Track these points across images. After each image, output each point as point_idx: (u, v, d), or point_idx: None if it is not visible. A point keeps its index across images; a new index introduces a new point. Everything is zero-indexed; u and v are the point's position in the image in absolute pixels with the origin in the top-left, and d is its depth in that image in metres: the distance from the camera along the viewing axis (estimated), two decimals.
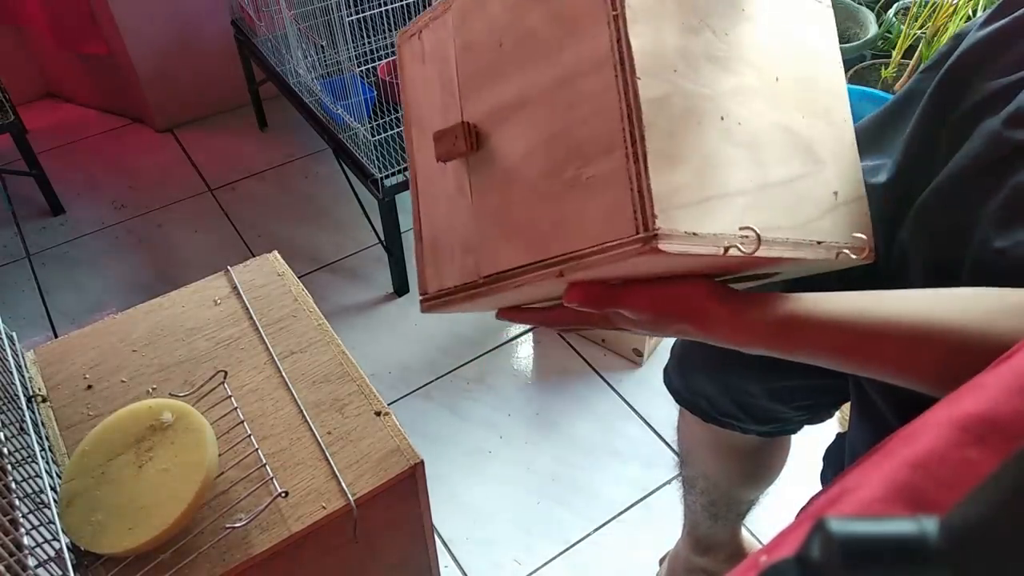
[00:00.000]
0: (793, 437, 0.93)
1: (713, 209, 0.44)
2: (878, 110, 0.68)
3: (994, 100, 0.54)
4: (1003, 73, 0.55)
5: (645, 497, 1.44)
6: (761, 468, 0.97)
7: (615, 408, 1.58)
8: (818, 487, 0.87)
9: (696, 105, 0.45)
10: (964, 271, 0.53)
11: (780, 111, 0.51)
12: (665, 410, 1.52)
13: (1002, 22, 0.56)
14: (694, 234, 0.43)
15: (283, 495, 0.80)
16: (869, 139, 0.66)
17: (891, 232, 0.62)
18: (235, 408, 0.86)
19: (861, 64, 1.79)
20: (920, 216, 0.58)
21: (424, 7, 2.07)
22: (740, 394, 0.81)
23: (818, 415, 0.84)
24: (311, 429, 0.88)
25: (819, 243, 0.51)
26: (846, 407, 1.00)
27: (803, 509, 0.37)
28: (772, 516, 1.09)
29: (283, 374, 0.93)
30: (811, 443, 0.86)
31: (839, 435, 0.82)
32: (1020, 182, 0.50)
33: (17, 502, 0.70)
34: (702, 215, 0.43)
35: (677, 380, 0.88)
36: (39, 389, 0.93)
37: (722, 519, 1.06)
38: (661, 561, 1.31)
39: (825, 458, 0.84)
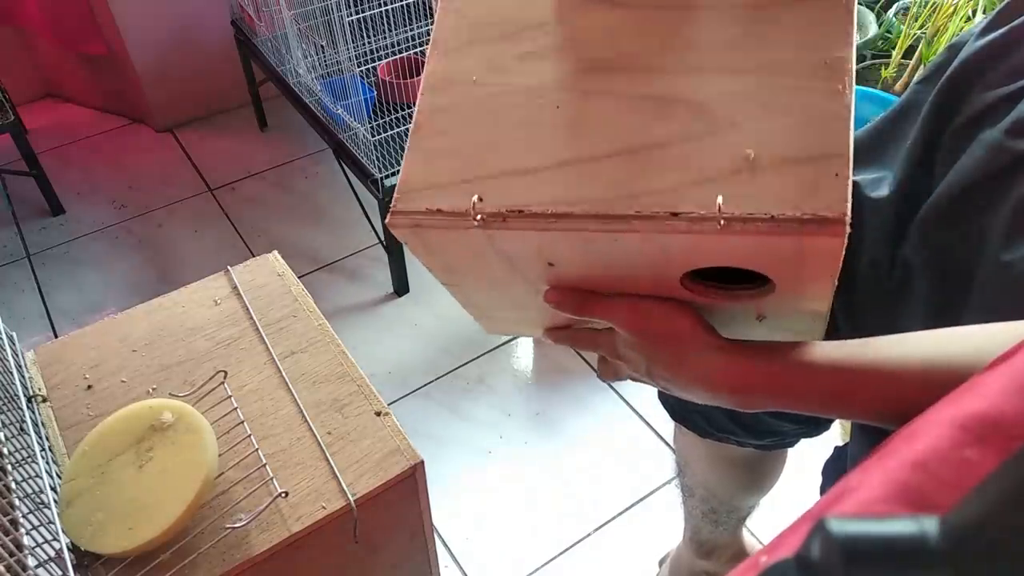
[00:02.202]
0: None
1: (476, 189, 0.47)
2: (875, 120, 0.67)
3: (993, 110, 0.53)
4: (1001, 83, 0.54)
5: (645, 497, 1.44)
6: (760, 478, 0.97)
7: (615, 408, 1.58)
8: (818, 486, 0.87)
9: (490, 103, 0.50)
10: (973, 287, 0.52)
11: (640, 81, 0.47)
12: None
13: (999, 32, 0.56)
14: (438, 211, 0.47)
15: (283, 495, 0.80)
16: (868, 150, 0.65)
17: (893, 249, 0.60)
18: (235, 408, 0.86)
19: (861, 64, 1.79)
20: (922, 231, 0.57)
21: (424, 8, 2.07)
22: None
23: (816, 429, 0.83)
24: (311, 429, 0.88)
25: (676, 215, 0.42)
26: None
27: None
28: (775, 516, 1.09)
29: (283, 374, 0.93)
30: (814, 442, 0.86)
31: (837, 448, 0.81)
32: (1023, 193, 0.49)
33: (17, 502, 0.70)
34: (460, 195, 0.47)
35: (672, 396, 0.87)
36: (39, 389, 0.93)
37: (723, 524, 1.06)
38: (661, 562, 1.31)
39: (823, 472, 0.83)
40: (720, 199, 0.41)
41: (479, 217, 0.46)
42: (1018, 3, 0.56)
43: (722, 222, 0.41)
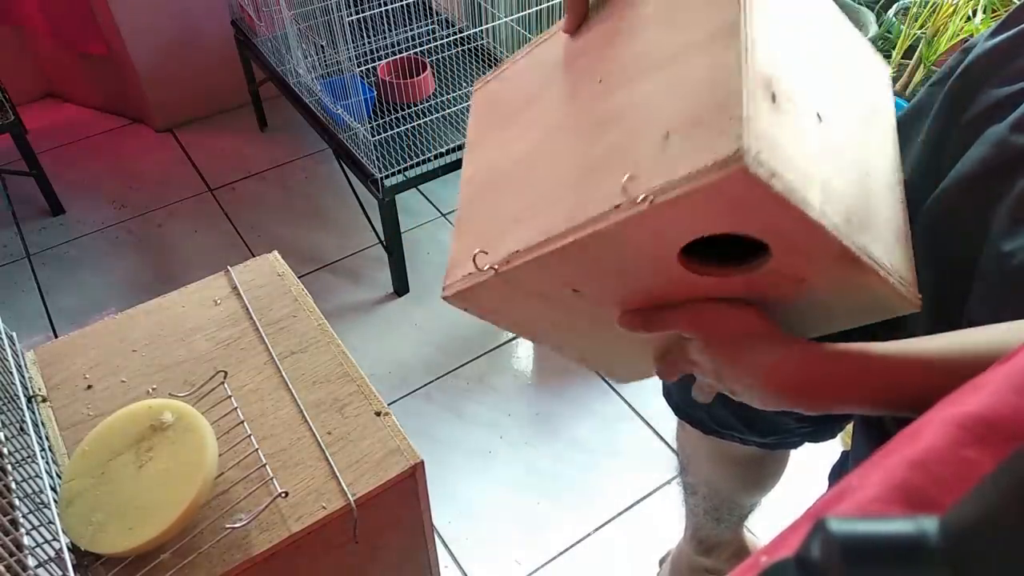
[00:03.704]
0: None
1: (488, 252, 0.57)
2: None
3: (1000, 107, 0.55)
4: (1009, 81, 0.56)
5: (645, 497, 1.44)
6: (763, 477, 0.97)
7: (615, 408, 1.58)
8: (821, 489, 0.87)
9: (490, 177, 0.61)
10: (975, 276, 0.53)
11: (569, 136, 0.54)
12: (665, 410, 1.52)
13: (1008, 34, 0.58)
14: (465, 275, 0.57)
15: (283, 495, 0.80)
16: None
17: None
18: (235, 408, 0.86)
19: None
20: (927, 221, 0.58)
21: (425, 8, 2.07)
22: (742, 404, 0.80)
23: (821, 432, 0.83)
24: (311, 429, 0.88)
25: (617, 207, 0.49)
26: (850, 426, 1.00)
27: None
28: (775, 515, 1.09)
29: (283, 374, 0.93)
30: (819, 444, 0.86)
31: (844, 453, 0.81)
32: None
33: (17, 502, 0.70)
34: (496, 242, 0.57)
35: (676, 392, 0.87)
36: (39, 389, 0.93)
37: (724, 522, 1.06)
38: (661, 562, 1.31)
39: (830, 477, 0.83)
40: (636, 181, 0.45)
41: (487, 267, 0.54)
42: None
43: (647, 200, 0.44)
